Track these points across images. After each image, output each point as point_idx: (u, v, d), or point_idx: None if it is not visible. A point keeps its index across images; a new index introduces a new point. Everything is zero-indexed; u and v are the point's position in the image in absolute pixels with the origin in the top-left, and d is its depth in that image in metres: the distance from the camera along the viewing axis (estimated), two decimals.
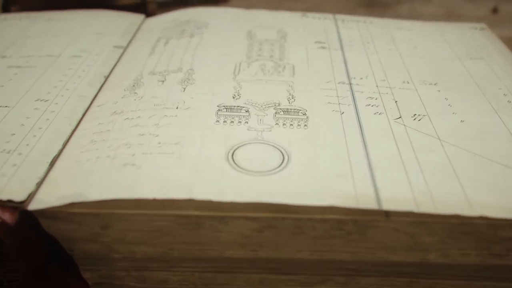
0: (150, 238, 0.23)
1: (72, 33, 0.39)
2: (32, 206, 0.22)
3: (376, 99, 0.30)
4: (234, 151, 0.25)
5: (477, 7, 0.63)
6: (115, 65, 0.35)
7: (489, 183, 0.24)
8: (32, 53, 0.36)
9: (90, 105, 0.30)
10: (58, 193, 0.23)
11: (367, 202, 0.22)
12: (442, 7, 0.63)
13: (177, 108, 0.28)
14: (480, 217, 0.22)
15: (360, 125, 0.27)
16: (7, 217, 0.22)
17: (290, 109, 0.29)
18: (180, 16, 0.42)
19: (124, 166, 0.24)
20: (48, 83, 0.32)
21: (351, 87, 0.31)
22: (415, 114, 0.29)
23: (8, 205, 0.22)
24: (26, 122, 0.28)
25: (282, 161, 0.24)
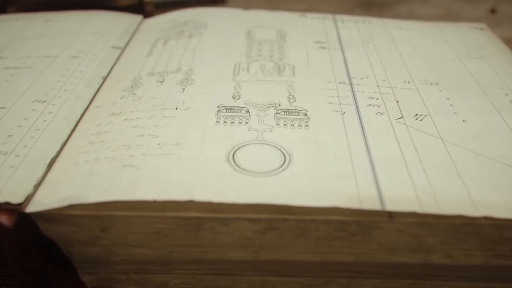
0: (150, 240, 0.23)
1: (70, 34, 0.39)
2: (30, 209, 0.22)
3: (377, 99, 0.30)
4: (235, 152, 0.25)
5: (475, 8, 0.63)
6: (113, 66, 0.35)
7: (492, 183, 0.23)
8: (30, 54, 0.36)
9: (88, 106, 0.30)
10: (56, 195, 0.22)
11: (370, 203, 0.22)
12: (440, 8, 0.63)
13: (177, 109, 0.28)
14: (484, 217, 0.21)
15: (362, 125, 0.27)
16: (4, 220, 0.22)
17: (291, 110, 0.28)
18: (179, 17, 0.42)
19: (124, 168, 0.23)
20: (46, 84, 0.32)
21: (352, 87, 0.31)
22: (417, 114, 0.28)
23: (5, 208, 0.22)
24: (24, 123, 0.28)
25: (284, 162, 0.24)
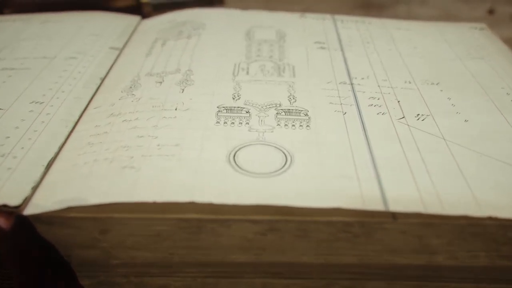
0: (150, 243, 0.22)
1: (67, 35, 0.39)
2: (28, 211, 0.22)
3: (379, 99, 0.30)
4: (236, 153, 0.24)
5: (473, 8, 0.63)
6: (112, 67, 0.34)
7: (496, 183, 0.23)
8: (27, 55, 0.35)
9: (87, 107, 0.30)
10: (55, 197, 0.22)
11: (374, 204, 0.21)
12: (438, 9, 0.63)
13: (176, 110, 0.28)
14: (489, 218, 0.21)
15: (363, 125, 0.27)
16: (2, 223, 0.21)
17: (292, 110, 0.28)
18: (177, 18, 0.42)
19: (123, 169, 0.23)
20: (43, 85, 0.31)
21: (353, 87, 0.31)
22: (419, 114, 0.28)
23: (3, 210, 0.22)
24: (21, 125, 0.27)
25: (285, 162, 0.24)
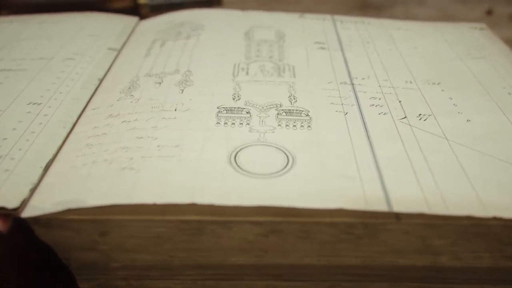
0: (150, 245, 0.22)
1: (65, 36, 0.38)
2: (26, 213, 0.21)
3: (380, 99, 0.29)
4: (237, 154, 0.24)
5: (471, 9, 0.62)
6: (110, 68, 0.34)
7: (500, 183, 0.23)
8: (24, 56, 0.35)
9: (85, 109, 0.29)
10: (53, 199, 0.22)
11: (377, 204, 0.21)
12: (436, 10, 0.63)
13: (176, 110, 0.27)
14: (494, 218, 0.21)
15: (365, 126, 0.27)
16: None
17: (293, 110, 0.28)
18: (175, 18, 0.41)
19: (122, 170, 0.23)
20: (41, 86, 0.31)
21: (354, 87, 0.31)
22: (420, 114, 0.28)
23: (0, 213, 0.22)
24: (18, 126, 0.27)
25: (287, 163, 0.23)
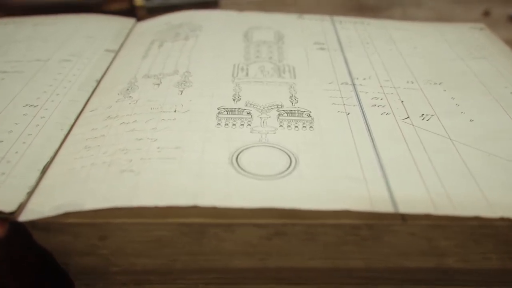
0: (151, 249, 0.22)
1: (61, 38, 0.38)
2: (23, 217, 0.21)
3: (382, 99, 0.29)
4: (238, 155, 0.23)
5: (468, 11, 0.62)
6: (107, 69, 0.34)
7: (506, 183, 0.23)
8: (20, 58, 0.34)
9: (82, 110, 0.29)
10: (51, 203, 0.21)
11: (382, 205, 0.21)
12: (434, 11, 0.62)
13: (175, 112, 0.27)
14: (501, 219, 0.21)
15: (368, 126, 0.26)
16: None
17: (294, 111, 0.27)
18: (173, 20, 0.41)
19: (122, 173, 0.22)
20: (37, 88, 0.30)
21: (355, 88, 0.30)
22: (423, 114, 0.28)
23: None
24: (15, 129, 0.26)
25: (290, 164, 0.23)
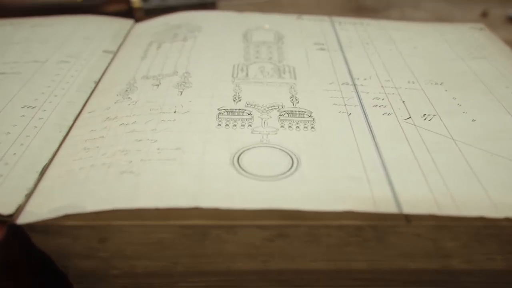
0: (152, 251, 0.21)
1: (59, 39, 0.37)
2: (22, 220, 0.20)
3: (383, 100, 0.29)
4: (240, 156, 0.23)
5: (466, 12, 0.62)
6: (106, 70, 0.33)
7: (509, 183, 0.22)
8: (17, 59, 0.34)
9: (81, 112, 0.29)
10: (50, 205, 0.21)
11: (386, 206, 0.21)
12: (432, 12, 0.62)
13: (175, 112, 0.27)
14: (506, 219, 0.20)
15: (369, 126, 0.26)
16: None
17: (295, 111, 0.27)
18: (171, 21, 0.41)
19: (122, 174, 0.22)
20: (35, 90, 0.30)
21: (356, 88, 0.30)
22: (425, 114, 0.27)
23: None
24: (12, 130, 0.26)
25: (292, 165, 0.23)
